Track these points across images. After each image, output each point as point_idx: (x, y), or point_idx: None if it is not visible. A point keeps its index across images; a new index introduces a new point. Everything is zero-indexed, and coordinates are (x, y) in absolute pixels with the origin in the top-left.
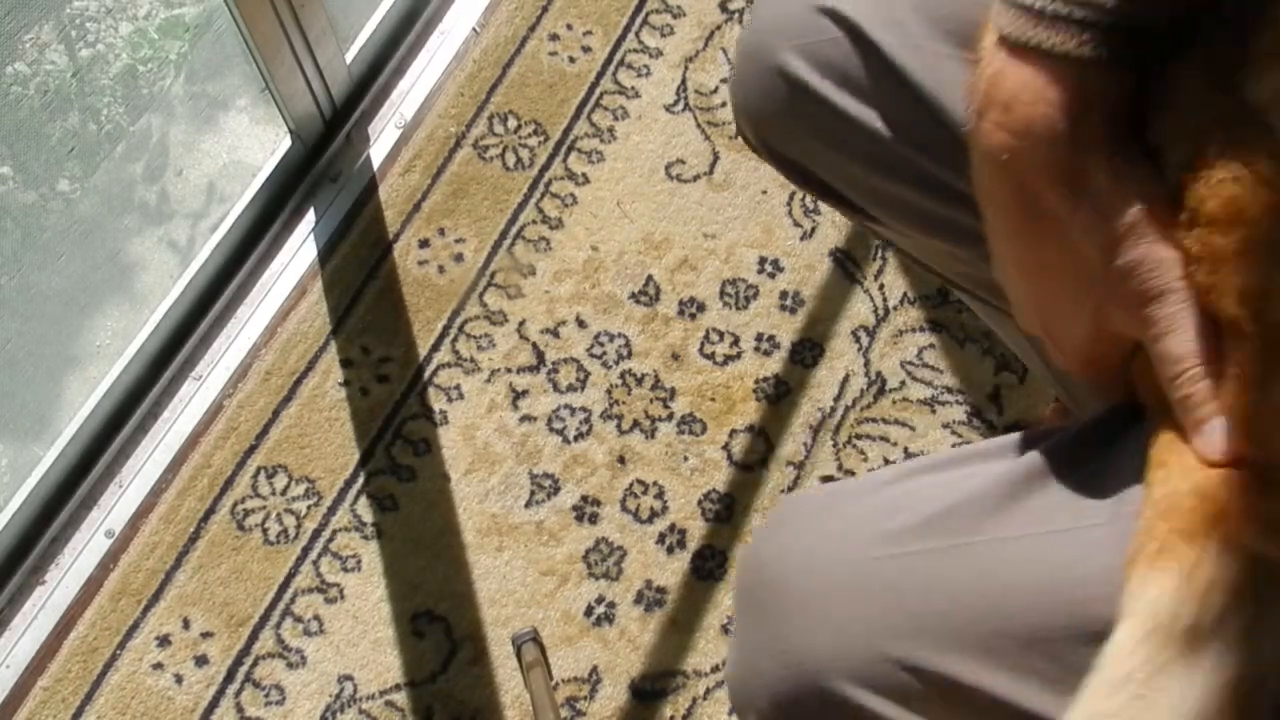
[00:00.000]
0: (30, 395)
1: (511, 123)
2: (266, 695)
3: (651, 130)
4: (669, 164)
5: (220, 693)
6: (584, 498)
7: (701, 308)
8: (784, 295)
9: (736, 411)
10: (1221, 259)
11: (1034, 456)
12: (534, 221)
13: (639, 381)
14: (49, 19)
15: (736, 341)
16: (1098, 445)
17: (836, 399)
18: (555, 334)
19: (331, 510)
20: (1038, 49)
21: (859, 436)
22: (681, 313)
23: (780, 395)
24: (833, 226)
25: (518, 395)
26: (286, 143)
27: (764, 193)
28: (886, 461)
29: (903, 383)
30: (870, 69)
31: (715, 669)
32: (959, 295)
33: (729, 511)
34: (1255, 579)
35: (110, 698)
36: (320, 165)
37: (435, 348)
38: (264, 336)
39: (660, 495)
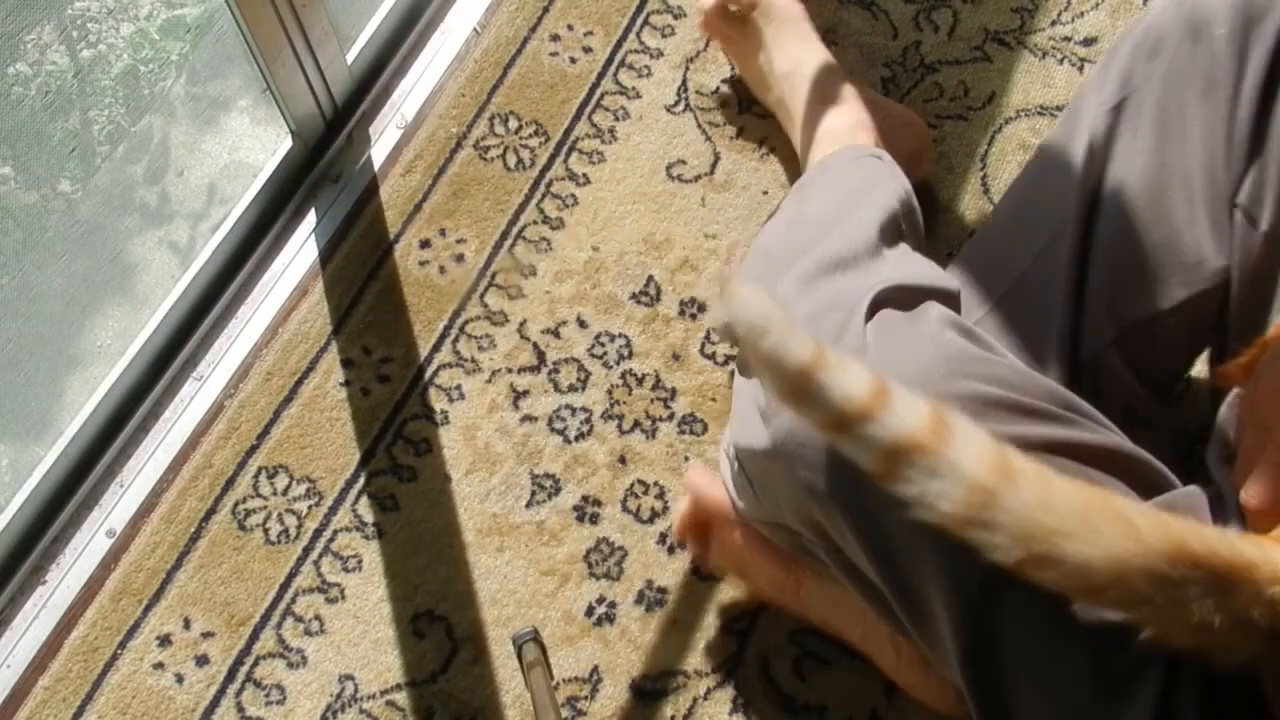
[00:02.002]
0: (31, 395)
1: (512, 123)
2: (267, 695)
3: (652, 131)
4: (670, 164)
5: (221, 692)
6: (585, 498)
7: (703, 308)
8: None
9: None
10: None
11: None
12: (535, 222)
13: (640, 382)
14: (50, 19)
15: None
16: None
17: None
18: (556, 334)
19: (332, 510)
20: None
21: None
22: (682, 313)
23: None
24: None
25: (519, 395)
26: (287, 143)
27: (765, 193)
28: None
29: None
30: None
31: (716, 669)
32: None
33: None
34: None
35: (111, 697)
36: (321, 166)
37: (436, 348)
38: (265, 337)
39: (661, 495)
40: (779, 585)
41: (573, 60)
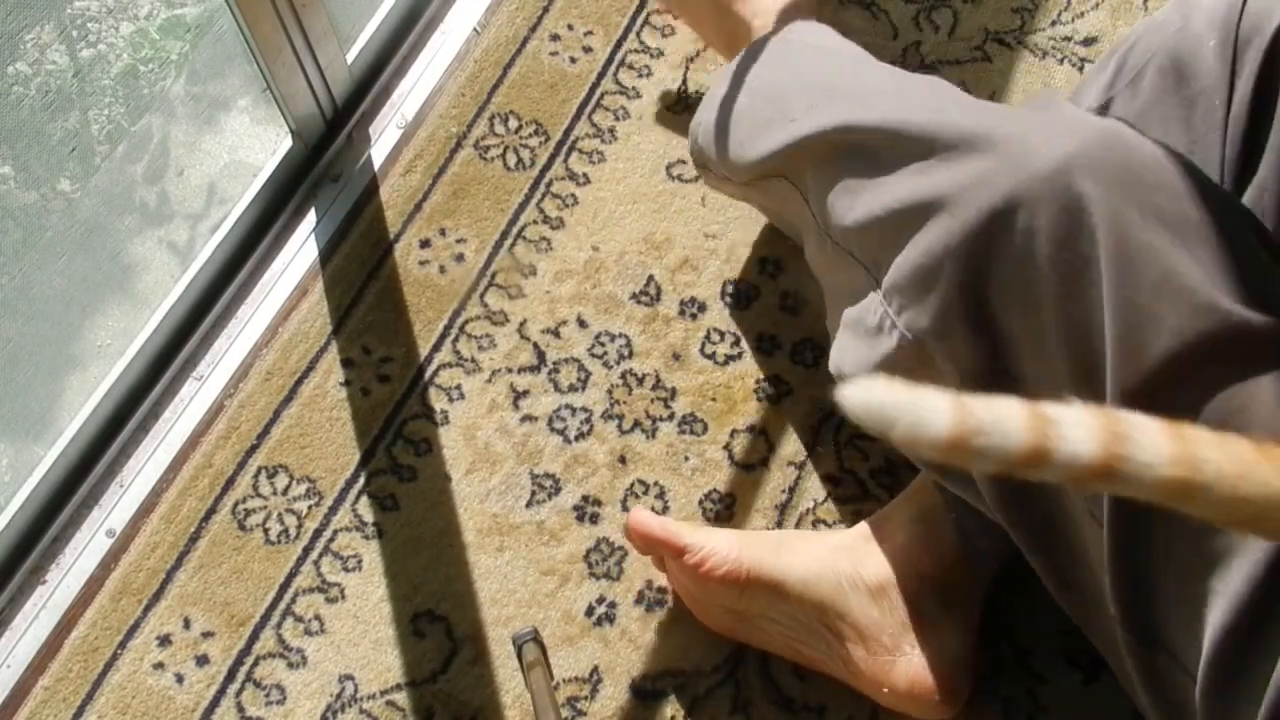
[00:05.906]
0: (31, 395)
1: (512, 123)
2: (267, 695)
3: (653, 130)
4: (670, 164)
5: (221, 692)
6: (585, 498)
7: (703, 308)
8: (785, 295)
9: (737, 411)
10: None
11: None
12: (535, 221)
13: (640, 381)
14: (50, 19)
15: (738, 341)
16: None
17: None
18: (556, 334)
19: (332, 510)
20: None
21: (860, 436)
22: (682, 313)
23: (781, 395)
24: None
25: (519, 395)
26: (287, 143)
27: None
28: (888, 461)
29: None
30: None
31: (716, 669)
32: None
33: (730, 511)
34: None
35: (111, 697)
36: (321, 165)
37: (436, 348)
38: (265, 336)
39: (661, 495)
40: (732, 613)
41: (573, 60)
